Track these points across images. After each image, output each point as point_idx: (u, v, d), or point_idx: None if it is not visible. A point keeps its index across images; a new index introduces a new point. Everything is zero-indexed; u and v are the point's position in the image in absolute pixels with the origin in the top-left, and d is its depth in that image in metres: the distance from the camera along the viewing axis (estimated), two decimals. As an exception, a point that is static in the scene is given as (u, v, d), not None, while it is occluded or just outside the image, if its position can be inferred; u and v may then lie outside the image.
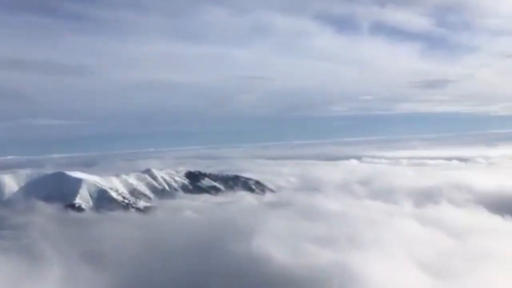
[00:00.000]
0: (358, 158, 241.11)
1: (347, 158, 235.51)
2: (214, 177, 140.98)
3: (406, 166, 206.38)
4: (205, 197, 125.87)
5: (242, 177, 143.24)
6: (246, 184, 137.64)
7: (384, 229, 65.41)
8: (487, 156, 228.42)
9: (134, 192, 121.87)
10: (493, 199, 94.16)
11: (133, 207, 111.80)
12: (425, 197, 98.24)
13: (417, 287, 42.48)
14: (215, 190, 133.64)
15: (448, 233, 69.13)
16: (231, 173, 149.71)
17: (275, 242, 58.55)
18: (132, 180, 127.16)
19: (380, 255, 50.59)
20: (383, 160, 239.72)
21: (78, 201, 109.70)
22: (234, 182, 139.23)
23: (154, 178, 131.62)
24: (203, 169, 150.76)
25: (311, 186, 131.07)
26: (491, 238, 65.83)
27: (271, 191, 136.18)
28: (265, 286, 47.96)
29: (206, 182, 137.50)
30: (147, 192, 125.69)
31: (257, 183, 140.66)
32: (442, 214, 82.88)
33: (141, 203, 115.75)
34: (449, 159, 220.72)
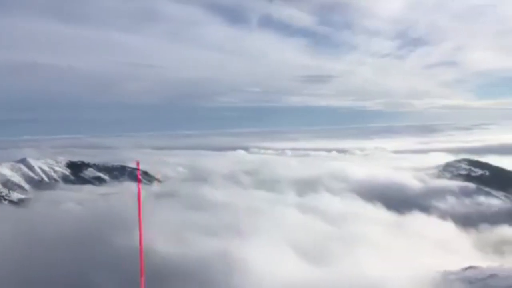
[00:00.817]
0: (246, 148, 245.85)
1: (235, 148, 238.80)
2: (99, 167, 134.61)
3: (291, 157, 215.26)
4: (88, 188, 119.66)
5: (129, 167, 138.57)
6: (133, 175, 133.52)
7: (267, 218, 67.77)
8: (363, 148, 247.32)
9: (7, 183, 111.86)
10: (366, 188, 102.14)
11: (5, 199, 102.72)
12: (307, 186, 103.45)
13: (295, 272, 44.63)
14: (100, 180, 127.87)
15: (326, 220, 73.78)
16: (116, 163, 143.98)
17: (160, 233, 57.79)
18: (5, 170, 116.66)
19: (261, 243, 52.31)
20: (270, 151, 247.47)
21: None
22: (120, 172, 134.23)
23: (30, 168, 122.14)
24: (86, 159, 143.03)
25: (199, 176, 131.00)
26: (364, 224, 71.64)
27: (159, 181, 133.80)
28: (149, 278, 47.18)
29: (89, 172, 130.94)
30: (23, 183, 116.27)
31: (144, 173, 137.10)
32: (321, 202, 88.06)
33: (15, 195, 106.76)
34: (329, 150, 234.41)
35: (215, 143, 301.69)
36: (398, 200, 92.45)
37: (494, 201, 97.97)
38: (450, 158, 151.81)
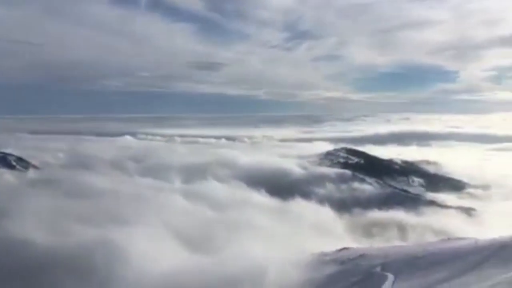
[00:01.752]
0: (133, 134, 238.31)
1: (122, 134, 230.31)
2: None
3: (180, 143, 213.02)
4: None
5: (1, 152, 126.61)
6: (6, 161, 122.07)
7: (151, 206, 66.30)
8: (251, 136, 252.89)
9: None
10: (252, 175, 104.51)
11: None
12: (194, 173, 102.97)
13: (177, 260, 44.16)
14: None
15: (212, 207, 74.14)
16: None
17: (36, 223, 53.77)
18: None
19: (144, 231, 51.03)
20: (158, 138, 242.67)
21: None
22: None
23: None
24: None
25: (81, 163, 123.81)
26: (249, 211, 73.23)
27: (36, 168, 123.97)
28: (24, 271, 43.65)
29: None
30: None
31: (19, 159, 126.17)
32: (207, 190, 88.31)
33: None
34: (218, 138, 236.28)
35: (100, 128, 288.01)
36: (281, 187, 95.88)
37: (367, 187, 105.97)
38: (331, 147, 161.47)
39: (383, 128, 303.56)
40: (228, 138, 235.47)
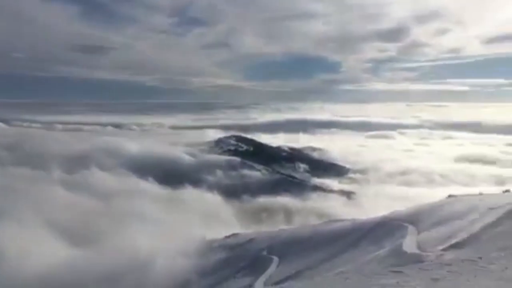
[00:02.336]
0: (7, 121, 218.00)
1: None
2: None
3: (61, 131, 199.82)
4: None
5: None
6: None
7: (27, 198, 61.22)
8: (140, 124, 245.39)
9: None
10: (140, 164, 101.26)
11: None
12: (76, 163, 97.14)
13: (56, 254, 41.26)
14: None
15: (96, 197, 70.60)
16: None
17: None
18: None
19: (19, 226, 46.95)
20: (36, 125, 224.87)
21: None
22: None
23: None
24: None
25: None
26: (136, 200, 70.89)
27: None
28: None
29: None
30: None
31: None
32: (92, 179, 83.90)
33: None
34: (104, 125, 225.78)
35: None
36: (171, 175, 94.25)
37: (256, 174, 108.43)
38: (221, 134, 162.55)
39: (271, 116, 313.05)
40: (115, 126, 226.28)
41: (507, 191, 31.23)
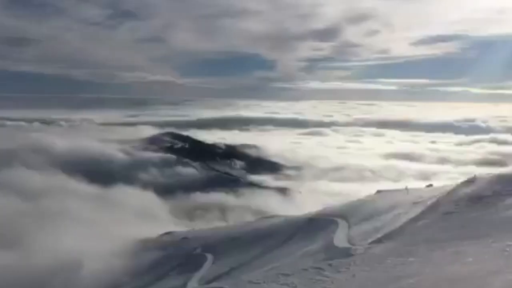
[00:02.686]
0: None
1: None
2: None
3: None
4: None
5: None
6: None
7: None
8: (69, 119, 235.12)
9: None
10: (69, 161, 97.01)
11: None
12: (0, 160, 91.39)
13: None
14: None
15: (22, 197, 66.91)
16: None
17: None
18: None
19: None
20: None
21: None
22: None
23: None
24: None
25: None
26: (66, 199, 67.81)
27: None
28: None
29: None
30: None
31: None
32: (16, 178, 79.34)
33: None
34: (31, 121, 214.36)
35: None
36: (102, 173, 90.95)
37: (191, 171, 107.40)
38: (156, 131, 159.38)
39: (207, 113, 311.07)
40: (43, 121, 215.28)
41: (430, 185, 33.04)
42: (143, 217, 66.39)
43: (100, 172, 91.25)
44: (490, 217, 15.42)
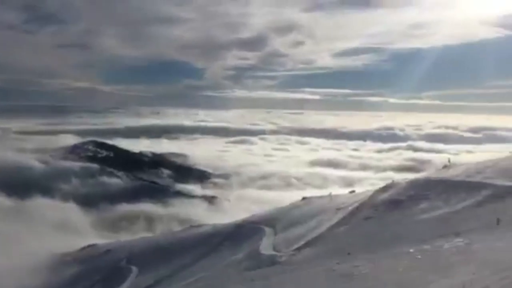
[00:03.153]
0: None
1: None
2: None
3: None
4: None
5: None
6: None
7: None
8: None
9: None
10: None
11: None
12: None
13: None
14: None
15: None
16: None
17: None
18: None
19: None
20: None
21: None
22: None
23: None
24: None
25: None
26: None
27: None
28: None
29: None
30: None
31: None
32: None
33: None
34: None
35: None
36: (18, 184, 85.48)
37: (116, 181, 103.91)
38: (78, 140, 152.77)
39: (133, 121, 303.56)
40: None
41: (352, 191, 34.31)
42: (63, 229, 63.29)
43: (15, 183, 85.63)
44: (406, 221, 16.24)
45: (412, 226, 15.03)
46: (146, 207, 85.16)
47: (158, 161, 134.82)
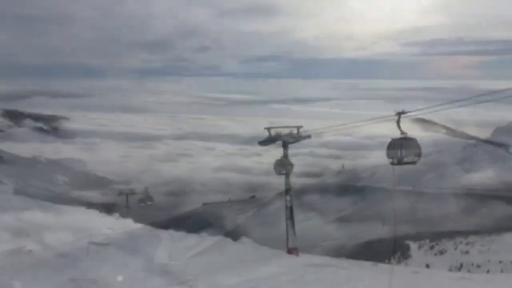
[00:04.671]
0: None
1: None
2: None
3: None
4: None
5: None
6: None
7: None
8: None
9: None
10: None
11: None
12: None
13: None
14: None
15: None
16: None
17: None
18: None
19: None
20: None
21: None
22: None
23: None
24: None
25: None
26: None
27: None
28: None
29: None
30: None
31: None
32: None
33: None
34: None
35: None
36: None
37: (3, 188, 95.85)
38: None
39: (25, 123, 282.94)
40: None
41: (253, 196, 34.59)
42: None
43: None
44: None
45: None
46: (37, 216, 79.27)
47: (52, 167, 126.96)
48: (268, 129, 20.38)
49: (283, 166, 19.20)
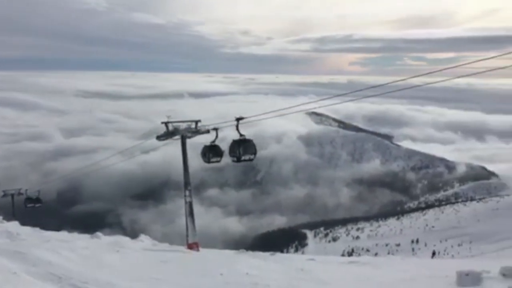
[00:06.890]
0: None
1: None
2: None
3: None
4: None
5: None
6: None
7: None
8: None
9: None
10: None
11: None
12: None
13: None
14: None
15: None
16: None
17: None
18: None
19: None
20: None
21: None
22: None
23: None
24: None
25: None
26: None
27: None
28: None
29: None
30: None
31: None
32: None
33: None
34: None
35: None
36: None
37: None
38: None
39: None
40: None
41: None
42: None
43: None
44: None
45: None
46: None
47: None
48: (166, 123, 19.88)
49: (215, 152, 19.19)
